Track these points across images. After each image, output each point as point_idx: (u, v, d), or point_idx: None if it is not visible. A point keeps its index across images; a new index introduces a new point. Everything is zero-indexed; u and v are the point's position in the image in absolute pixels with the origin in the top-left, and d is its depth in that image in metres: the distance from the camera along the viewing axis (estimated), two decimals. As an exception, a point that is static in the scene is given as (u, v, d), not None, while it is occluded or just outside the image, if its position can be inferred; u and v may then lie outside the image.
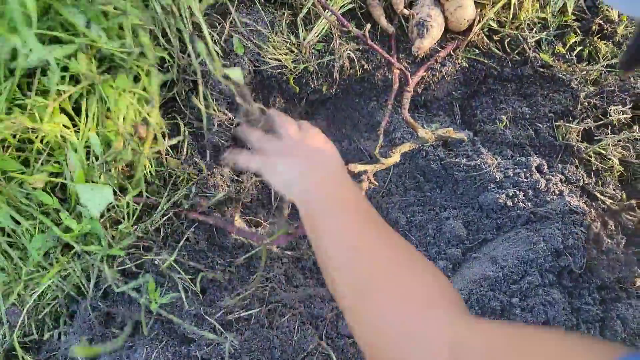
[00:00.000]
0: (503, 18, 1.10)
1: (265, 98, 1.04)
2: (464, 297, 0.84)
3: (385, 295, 0.60)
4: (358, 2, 1.08)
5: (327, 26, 1.04)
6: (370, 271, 0.63)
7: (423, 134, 0.93)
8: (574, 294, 0.87)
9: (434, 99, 1.10)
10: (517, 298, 0.83)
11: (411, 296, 0.59)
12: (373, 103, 1.11)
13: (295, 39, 1.03)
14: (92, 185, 0.76)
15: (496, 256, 0.87)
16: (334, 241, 0.68)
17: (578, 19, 1.13)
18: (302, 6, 1.05)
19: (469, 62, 1.09)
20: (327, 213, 0.70)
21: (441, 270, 0.70)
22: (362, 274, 0.63)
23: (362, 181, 0.92)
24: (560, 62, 1.08)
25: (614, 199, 0.99)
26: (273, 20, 1.02)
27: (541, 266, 0.84)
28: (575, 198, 0.94)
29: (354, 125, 1.14)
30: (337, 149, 0.83)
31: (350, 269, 0.64)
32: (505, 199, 0.93)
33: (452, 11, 1.04)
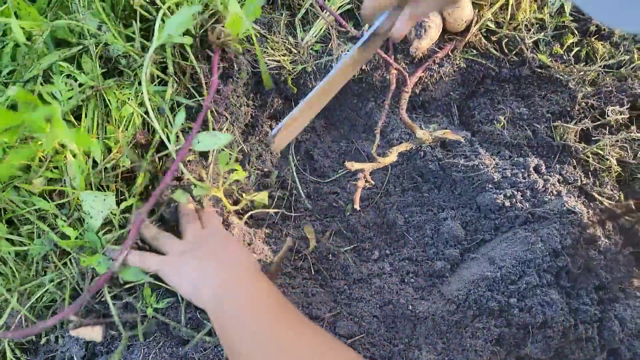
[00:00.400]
0: (501, 19, 1.10)
1: (263, 99, 1.04)
2: (462, 298, 0.84)
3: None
4: (356, 2, 1.08)
5: (325, 27, 1.04)
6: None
7: (421, 135, 0.94)
8: (571, 294, 0.87)
9: (431, 100, 1.11)
10: (515, 298, 0.83)
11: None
12: (371, 104, 1.11)
13: (293, 39, 1.03)
14: (96, 193, 0.75)
15: (494, 256, 0.87)
16: (251, 347, 0.62)
17: (575, 20, 1.13)
18: (300, 7, 1.05)
19: (467, 63, 1.09)
20: (241, 318, 0.65)
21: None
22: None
23: (359, 180, 0.92)
24: (557, 62, 1.08)
25: (611, 199, 0.99)
26: (271, 21, 1.02)
27: (539, 266, 0.84)
28: (573, 198, 0.94)
29: (352, 126, 1.14)
30: (241, 245, 0.80)
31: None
32: (503, 199, 0.93)
33: (449, 12, 1.04)
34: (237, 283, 0.69)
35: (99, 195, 0.74)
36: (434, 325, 0.83)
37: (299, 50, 1.02)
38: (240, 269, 0.73)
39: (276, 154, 1.01)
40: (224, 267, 0.71)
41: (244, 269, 0.73)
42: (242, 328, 0.64)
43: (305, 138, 1.10)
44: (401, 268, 0.92)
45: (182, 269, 0.72)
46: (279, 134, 0.77)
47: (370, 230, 1.00)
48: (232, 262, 0.73)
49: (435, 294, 0.88)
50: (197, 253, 0.73)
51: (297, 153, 1.10)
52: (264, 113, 1.05)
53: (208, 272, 0.70)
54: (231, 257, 0.74)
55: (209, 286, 0.69)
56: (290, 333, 0.64)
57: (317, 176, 1.09)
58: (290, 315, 0.67)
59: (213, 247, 0.75)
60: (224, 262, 0.72)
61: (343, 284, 0.90)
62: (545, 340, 0.83)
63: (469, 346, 0.81)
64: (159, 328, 0.79)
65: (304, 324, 0.67)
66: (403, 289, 0.89)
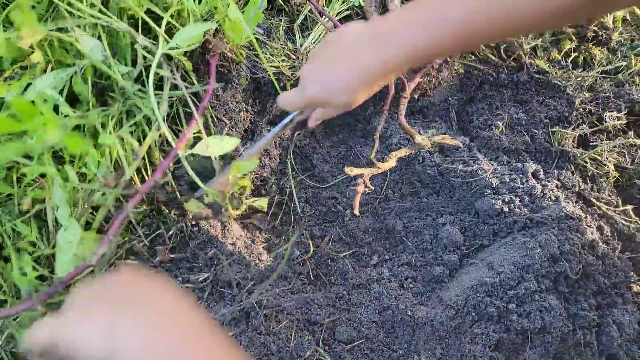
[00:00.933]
0: (499, 25, 1.11)
1: (262, 105, 1.04)
2: (461, 303, 0.84)
3: None
4: (355, 8, 1.09)
5: (323, 33, 1.04)
6: None
7: (419, 140, 0.94)
8: (570, 299, 0.87)
9: (430, 105, 1.11)
10: (513, 304, 0.83)
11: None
12: (370, 109, 1.11)
13: (292, 45, 1.03)
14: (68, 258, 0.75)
15: (493, 262, 0.87)
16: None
17: (573, 26, 1.13)
18: (299, 13, 1.06)
19: (465, 69, 1.10)
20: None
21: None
22: None
23: (358, 185, 0.92)
24: (555, 68, 1.09)
25: (609, 204, 1.00)
26: (270, 27, 1.03)
27: (537, 272, 0.84)
28: (571, 204, 0.95)
29: (351, 131, 1.15)
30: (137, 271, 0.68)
31: None
32: (501, 204, 0.93)
33: (448, 18, 1.05)
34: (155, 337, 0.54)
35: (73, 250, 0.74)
36: (433, 330, 0.83)
37: (297, 56, 1.02)
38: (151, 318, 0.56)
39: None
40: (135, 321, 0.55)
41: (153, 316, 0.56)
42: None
43: (305, 143, 1.11)
44: (400, 273, 0.92)
45: (78, 333, 0.53)
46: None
47: (369, 236, 1.00)
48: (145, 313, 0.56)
49: (434, 300, 0.88)
50: (95, 308, 0.57)
51: (295, 158, 1.10)
52: (262, 119, 1.05)
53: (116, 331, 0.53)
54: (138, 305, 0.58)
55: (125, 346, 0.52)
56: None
57: (316, 181, 1.09)
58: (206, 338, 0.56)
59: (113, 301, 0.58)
60: (133, 316, 0.55)
61: (342, 289, 0.90)
62: (544, 345, 0.83)
63: (467, 352, 0.81)
64: None
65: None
66: (402, 294, 0.89)
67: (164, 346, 0.52)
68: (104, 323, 0.52)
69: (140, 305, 0.56)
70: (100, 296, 0.56)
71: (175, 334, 0.54)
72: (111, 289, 0.58)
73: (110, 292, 0.57)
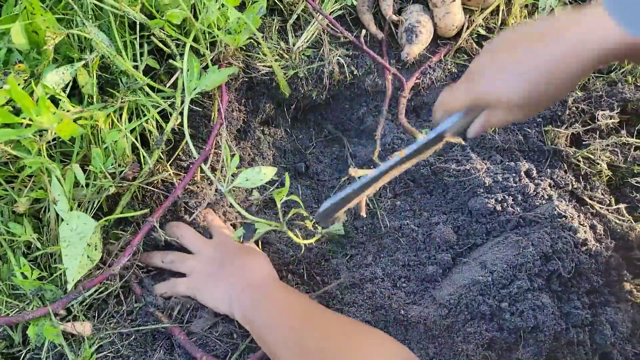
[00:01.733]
0: (492, 24, 1.11)
1: (255, 104, 1.04)
2: (454, 302, 0.84)
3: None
4: (347, 8, 1.09)
5: (316, 32, 1.04)
6: None
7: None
8: (563, 298, 0.87)
9: (423, 105, 1.11)
10: (506, 303, 0.83)
11: None
12: (363, 109, 1.11)
13: (285, 45, 1.03)
14: (79, 252, 0.75)
15: (486, 261, 0.87)
16: (284, 352, 0.68)
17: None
18: (291, 13, 1.06)
19: (458, 68, 1.10)
20: (273, 327, 0.71)
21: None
22: None
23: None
24: (548, 67, 1.09)
25: (602, 203, 1.00)
26: (263, 26, 1.03)
27: (530, 270, 0.84)
28: (564, 202, 0.95)
29: (345, 131, 1.15)
30: (262, 256, 0.84)
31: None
32: (494, 203, 0.93)
33: (440, 17, 1.05)
34: (266, 297, 0.75)
35: (80, 257, 0.74)
36: (426, 329, 0.83)
37: (290, 55, 1.02)
38: (266, 281, 0.78)
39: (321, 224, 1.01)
40: (251, 283, 0.77)
41: (270, 280, 0.79)
42: (275, 336, 0.69)
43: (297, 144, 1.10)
44: (393, 273, 0.92)
45: (214, 291, 0.78)
46: (326, 211, 0.77)
47: (363, 235, 1.00)
48: (258, 277, 0.78)
49: (427, 299, 0.88)
50: (223, 273, 0.79)
51: (288, 157, 1.10)
52: (255, 118, 1.05)
53: (237, 290, 0.76)
54: (256, 271, 0.79)
55: (242, 303, 0.75)
56: (317, 334, 0.68)
57: (309, 180, 1.09)
58: (315, 316, 0.72)
59: (237, 263, 0.80)
60: (251, 278, 0.77)
61: (335, 289, 0.90)
62: (537, 344, 0.83)
63: (460, 350, 0.81)
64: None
65: (330, 322, 0.71)
66: (395, 293, 0.89)
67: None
68: (226, 298, 0.76)
69: (252, 276, 0.78)
70: (221, 269, 0.79)
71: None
72: (227, 260, 0.80)
73: (227, 263, 0.79)
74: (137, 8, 0.83)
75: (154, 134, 0.87)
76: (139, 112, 0.87)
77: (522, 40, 0.58)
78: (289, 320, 0.71)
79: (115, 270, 0.78)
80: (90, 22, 0.81)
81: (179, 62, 0.87)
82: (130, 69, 0.83)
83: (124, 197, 0.83)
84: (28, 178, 0.77)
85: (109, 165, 0.80)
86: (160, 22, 0.83)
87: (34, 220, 0.81)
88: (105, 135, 0.79)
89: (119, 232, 0.84)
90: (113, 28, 0.82)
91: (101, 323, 0.79)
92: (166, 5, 0.85)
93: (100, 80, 0.85)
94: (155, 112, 0.87)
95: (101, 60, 0.83)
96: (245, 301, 0.75)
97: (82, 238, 0.74)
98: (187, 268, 0.81)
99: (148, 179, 0.85)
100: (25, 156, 0.71)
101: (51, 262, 0.81)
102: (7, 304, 0.77)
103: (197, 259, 0.81)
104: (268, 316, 0.72)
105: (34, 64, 0.77)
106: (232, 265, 0.79)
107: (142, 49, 0.88)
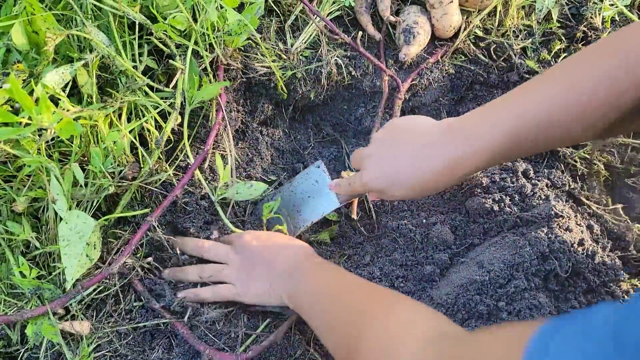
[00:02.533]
0: (489, 25, 1.12)
1: (254, 105, 1.05)
2: (451, 301, 0.84)
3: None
4: (345, 9, 1.09)
5: (314, 33, 1.04)
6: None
7: None
8: (560, 297, 0.87)
9: (421, 105, 1.11)
10: (503, 302, 0.83)
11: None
12: (361, 109, 1.11)
13: (283, 45, 1.03)
14: (78, 251, 0.75)
15: (483, 260, 0.87)
16: (324, 320, 0.72)
17: (563, 26, 1.14)
18: (289, 14, 1.06)
19: (456, 69, 1.10)
20: (313, 301, 0.75)
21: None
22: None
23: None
24: (545, 68, 1.10)
25: (599, 203, 1.00)
26: (261, 27, 1.03)
27: (527, 270, 0.85)
28: (561, 202, 0.95)
29: (342, 132, 1.15)
30: (286, 237, 0.88)
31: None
32: (491, 203, 0.94)
33: (438, 18, 1.05)
34: (302, 275, 0.79)
35: (79, 255, 0.75)
36: (423, 329, 0.83)
37: (288, 56, 1.03)
38: (297, 257, 0.82)
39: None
40: (286, 269, 0.80)
41: (302, 258, 0.82)
42: (316, 309, 0.74)
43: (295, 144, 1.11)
44: (391, 272, 0.92)
45: (256, 290, 0.82)
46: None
47: (361, 235, 1.00)
48: (290, 262, 0.81)
49: (425, 298, 0.88)
50: (258, 272, 0.83)
51: (286, 158, 1.10)
52: (254, 119, 1.05)
53: (278, 282, 0.80)
54: (285, 258, 0.83)
55: (286, 291, 0.79)
56: (351, 305, 0.70)
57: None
58: (349, 287, 0.75)
59: (267, 258, 0.83)
60: (285, 265, 0.81)
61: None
62: (534, 343, 0.83)
63: (458, 350, 0.81)
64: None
65: (363, 291, 0.73)
66: (393, 293, 0.89)
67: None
68: (265, 290, 0.81)
69: (284, 260, 0.82)
70: (252, 262, 0.83)
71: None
72: (262, 254, 0.83)
73: (256, 255, 0.83)
74: (137, 8, 0.84)
75: (153, 133, 0.88)
76: (138, 112, 0.88)
77: (402, 143, 0.72)
78: (327, 296, 0.74)
79: (114, 270, 0.78)
80: (90, 22, 0.81)
81: (178, 62, 0.88)
82: (130, 69, 0.83)
83: (124, 197, 0.84)
84: (27, 177, 0.78)
85: (108, 165, 0.80)
86: (163, 27, 0.84)
87: (32, 220, 0.82)
88: (105, 135, 0.80)
89: (117, 231, 0.85)
90: (112, 28, 0.83)
91: (99, 322, 0.79)
92: (165, 7, 0.86)
93: (100, 80, 0.86)
94: (155, 112, 0.87)
95: (101, 60, 0.83)
96: (288, 288, 0.79)
97: (81, 237, 0.74)
98: (225, 277, 0.84)
99: (148, 178, 0.85)
100: (25, 155, 0.72)
101: (50, 261, 0.81)
102: (6, 303, 0.78)
103: (231, 268, 0.85)
104: (309, 294, 0.76)
105: (33, 64, 0.78)
106: (262, 262, 0.83)
107: (142, 49, 0.89)
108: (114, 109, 0.81)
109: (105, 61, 0.84)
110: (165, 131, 0.86)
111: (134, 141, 0.85)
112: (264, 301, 0.82)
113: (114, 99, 0.82)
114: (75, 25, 0.81)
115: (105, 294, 0.81)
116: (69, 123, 0.60)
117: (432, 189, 0.71)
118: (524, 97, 0.64)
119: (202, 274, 0.85)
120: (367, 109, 1.12)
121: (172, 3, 0.85)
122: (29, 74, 0.75)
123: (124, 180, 0.82)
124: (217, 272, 0.85)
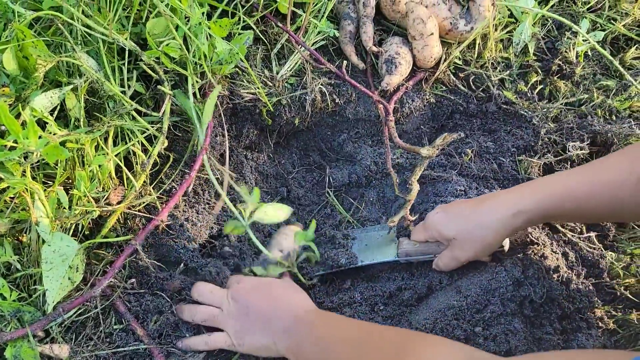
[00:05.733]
0: (468, 57, 1.16)
1: (239, 129, 1.07)
2: (430, 326, 0.86)
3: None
4: (330, 39, 1.13)
5: (300, 61, 1.07)
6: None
7: (426, 152, 0.94)
8: (535, 323, 0.89)
9: (403, 133, 1.14)
10: (480, 327, 0.85)
11: None
12: (344, 135, 1.14)
13: (269, 73, 1.06)
14: (60, 273, 0.75)
15: (460, 285, 0.89)
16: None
17: (539, 60, 1.19)
18: (275, 42, 1.09)
19: (436, 98, 1.14)
20: (315, 351, 0.76)
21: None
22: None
23: (409, 225, 0.97)
24: (522, 99, 1.14)
25: (574, 231, 1.03)
26: (247, 55, 1.06)
27: (503, 295, 0.87)
28: (537, 230, 0.98)
29: (325, 157, 1.17)
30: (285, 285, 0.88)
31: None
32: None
33: (419, 49, 1.09)
34: (305, 328, 0.79)
35: (60, 278, 0.75)
36: (402, 353, 0.84)
37: (274, 83, 1.05)
38: (297, 311, 0.81)
39: None
40: (284, 319, 0.80)
41: (302, 313, 0.81)
42: (332, 357, 0.75)
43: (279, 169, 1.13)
44: (371, 297, 0.94)
45: (252, 342, 0.80)
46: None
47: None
48: (288, 309, 0.82)
49: (403, 323, 0.89)
50: (251, 321, 0.81)
51: (270, 182, 1.12)
52: (239, 144, 1.07)
53: (279, 334, 0.79)
54: (287, 310, 0.82)
55: (284, 343, 0.78)
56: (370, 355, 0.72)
57: (290, 204, 1.10)
58: (363, 337, 0.76)
59: (264, 309, 0.82)
60: (283, 318, 0.80)
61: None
62: (510, 368, 0.84)
63: (435, 375, 0.82)
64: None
65: (378, 338, 0.75)
66: (373, 317, 0.90)
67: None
68: (265, 342, 0.79)
69: (282, 311, 0.81)
70: (248, 315, 0.81)
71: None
72: (260, 305, 0.82)
73: (253, 307, 0.81)
74: (126, 35, 0.86)
75: (139, 157, 0.89)
76: (125, 136, 0.89)
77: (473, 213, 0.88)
78: (341, 349, 0.75)
79: (96, 293, 0.78)
80: (80, 47, 0.83)
81: (166, 88, 0.89)
82: (119, 94, 0.85)
83: (109, 221, 0.84)
84: (10, 199, 0.78)
85: (92, 189, 0.81)
86: (156, 53, 0.86)
87: (14, 241, 0.82)
88: (91, 158, 0.80)
89: (100, 252, 0.85)
90: (102, 54, 0.85)
91: (79, 345, 0.79)
92: (155, 35, 0.88)
93: (87, 104, 0.87)
94: (142, 137, 0.88)
95: (89, 84, 0.85)
96: (288, 343, 0.78)
97: (64, 260, 0.75)
98: (219, 324, 0.83)
99: (133, 201, 0.86)
100: (9, 177, 0.73)
101: (30, 283, 0.81)
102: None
103: (225, 316, 0.82)
104: (318, 345, 0.77)
105: (21, 87, 0.79)
106: (260, 316, 0.81)
107: (130, 74, 0.90)
108: (101, 132, 0.82)
109: (94, 85, 0.86)
110: (152, 154, 0.88)
111: (119, 164, 0.86)
112: (260, 354, 0.81)
113: (101, 122, 0.84)
114: (65, 51, 0.83)
115: (86, 316, 0.81)
116: (55, 147, 0.61)
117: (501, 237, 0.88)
118: None
119: (195, 317, 0.83)
120: (350, 135, 1.14)
121: (164, 32, 0.88)
122: (15, 98, 0.76)
123: (109, 205, 0.83)
124: (212, 317, 0.82)
